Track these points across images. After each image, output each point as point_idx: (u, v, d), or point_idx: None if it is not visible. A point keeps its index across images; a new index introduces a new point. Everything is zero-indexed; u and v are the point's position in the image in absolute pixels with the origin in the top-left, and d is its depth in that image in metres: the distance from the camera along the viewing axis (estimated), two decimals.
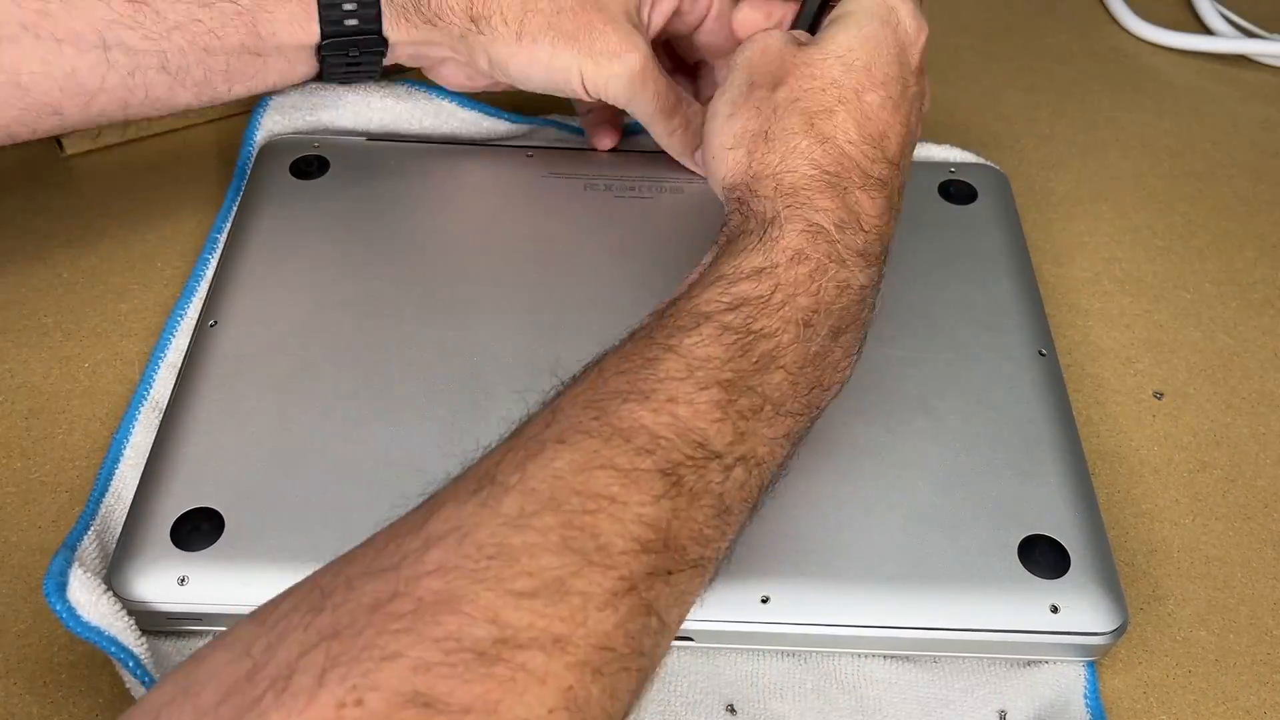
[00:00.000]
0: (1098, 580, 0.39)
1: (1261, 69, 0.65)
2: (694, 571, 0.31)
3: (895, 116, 0.39)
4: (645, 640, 0.29)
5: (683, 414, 0.32)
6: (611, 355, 0.34)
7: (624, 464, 0.30)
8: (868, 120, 0.39)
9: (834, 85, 0.39)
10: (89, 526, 0.41)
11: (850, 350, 0.37)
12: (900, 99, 0.40)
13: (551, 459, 0.30)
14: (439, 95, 0.55)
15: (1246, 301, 0.53)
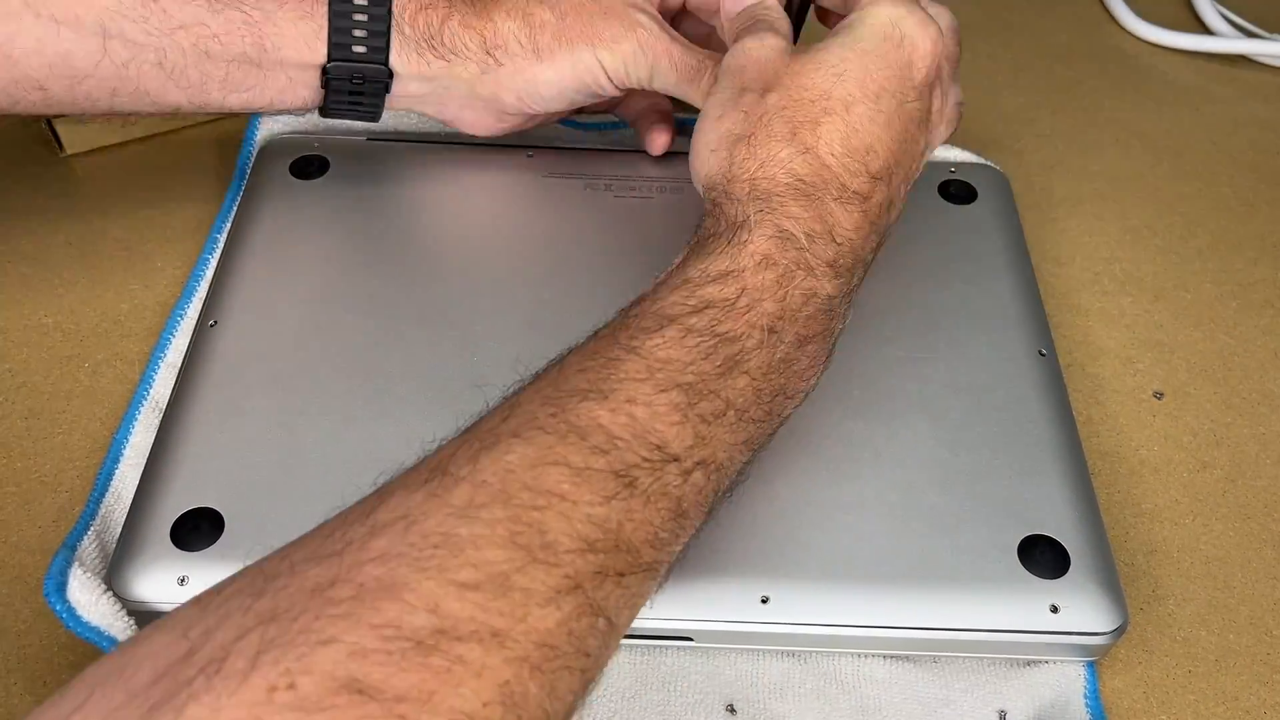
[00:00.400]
0: (1098, 580, 0.39)
1: (1261, 69, 0.65)
2: (646, 574, 0.31)
3: (886, 132, 0.39)
4: (591, 640, 0.28)
5: (641, 415, 0.31)
6: (574, 354, 0.34)
7: (577, 462, 0.30)
8: (854, 133, 0.38)
9: (824, 96, 0.39)
10: (89, 526, 0.41)
11: (817, 359, 0.37)
12: (894, 114, 0.39)
13: (505, 452, 0.30)
14: None
15: (1246, 301, 0.53)
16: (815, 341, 0.36)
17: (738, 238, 0.36)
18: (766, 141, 0.38)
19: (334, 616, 0.25)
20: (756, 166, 0.38)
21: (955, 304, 0.48)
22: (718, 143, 0.40)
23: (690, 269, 0.36)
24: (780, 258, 0.36)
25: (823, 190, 0.37)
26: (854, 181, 0.38)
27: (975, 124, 0.61)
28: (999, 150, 0.60)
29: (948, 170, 0.54)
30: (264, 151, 0.53)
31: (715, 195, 0.39)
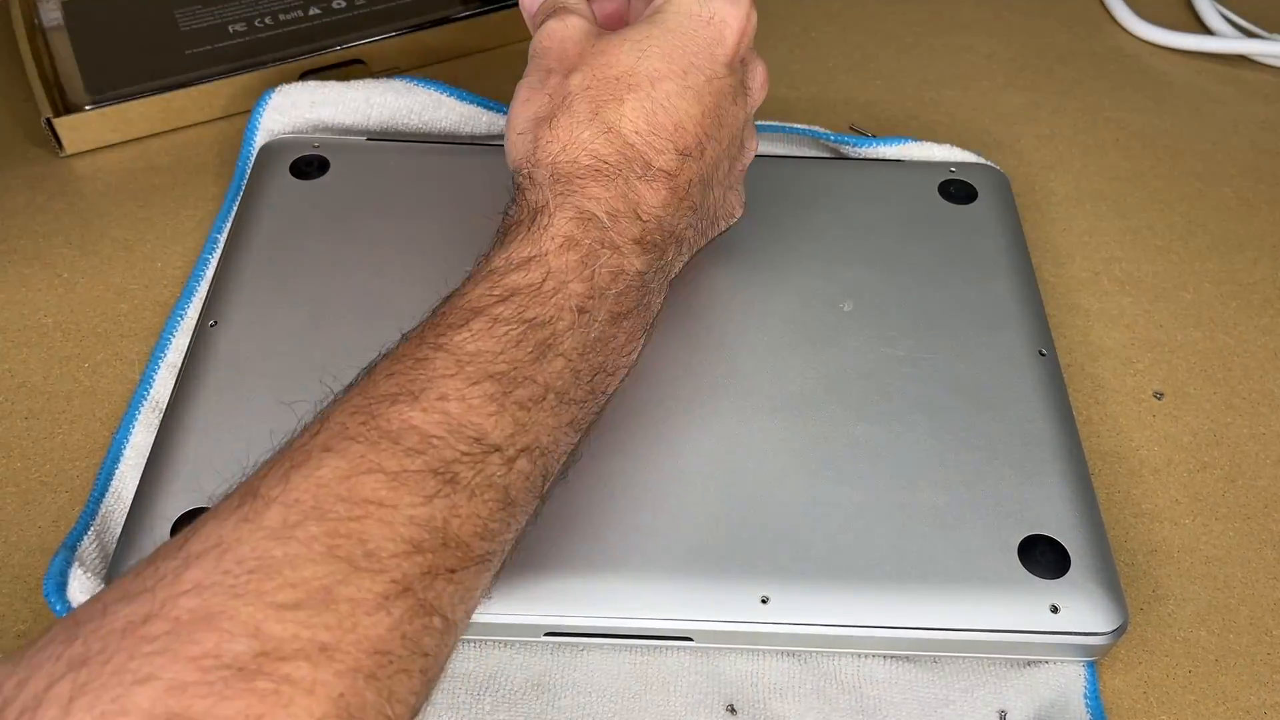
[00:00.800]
0: (1098, 580, 0.39)
1: (1261, 69, 0.65)
2: (479, 567, 0.31)
3: (695, 106, 0.39)
4: (426, 640, 0.28)
5: (454, 410, 0.31)
6: (382, 360, 0.34)
7: (392, 467, 0.29)
8: (660, 110, 0.38)
9: (628, 74, 0.38)
10: (89, 526, 0.41)
11: (635, 335, 0.37)
12: (704, 89, 0.39)
13: (316, 468, 0.29)
14: (437, 89, 0.55)
15: (1246, 301, 0.53)
16: (630, 318, 0.37)
17: (538, 223, 0.36)
18: (569, 124, 0.38)
19: (149, 654, 0.25)
20: (559, 149, 0.38)
21: (955, 304, 0.48)
22: (524, 126, 0.39)
23: (495, 259, 0.36)
24: (583, 238, 0.36)
25: (625, 169, 0.37)
26: (660, 159, 0.38)
27: (975, 124, 0.61)
28: (999, 150, 0.60)
29: (948, 170, 0.54)
30: (264, 151, 0.53)
31: (520, 180, 0.39)
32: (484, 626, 0.39)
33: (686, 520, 0.40)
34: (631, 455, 0.42)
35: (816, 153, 0.56)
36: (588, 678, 0.39)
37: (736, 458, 0.42)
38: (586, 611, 0.39)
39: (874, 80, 0.64)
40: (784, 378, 0.45)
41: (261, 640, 0.26)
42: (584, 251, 0.35)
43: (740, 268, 0.48)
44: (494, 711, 0.38)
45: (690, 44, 0.39)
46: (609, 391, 0.37)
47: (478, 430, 0.31)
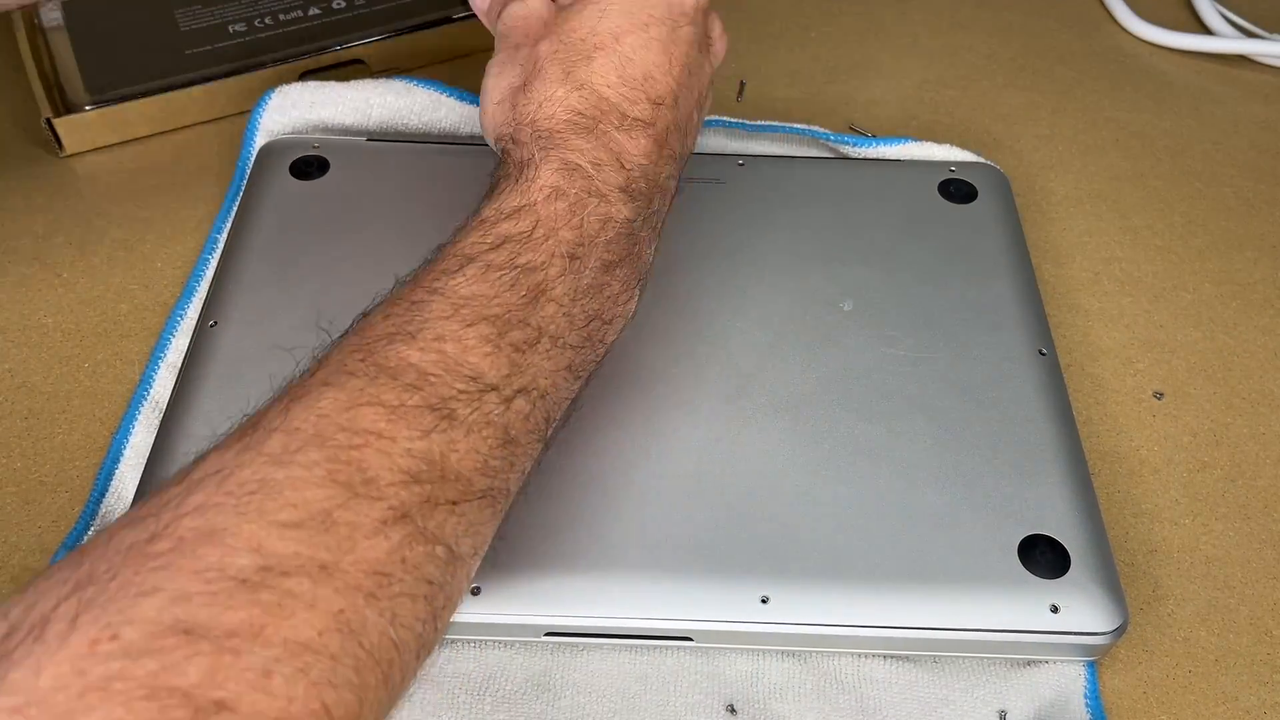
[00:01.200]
0: (1098, 580, 0.39)
1: (1261, 69, 0.65)
2: (483, 502, 0.31)
3: (662, 57, 0.40)
4: (429, 568, 0.29)
5: (451, 350, 0.32)
6: (379, 304, 0.35)
7: (391, 400, 0.30)
8: (628, 63, 0.39)
9: (591, 34, 0.40)
10: (89, 526, 0.41)
11: (629, 284, 0.38)
12: (669, 40, 0.40)
13: (316, 399, 0.30)
14: (437, 90, 0.55)
15: (1246, 301, 0.53)
16: (623, 266, 0.38)
17: (525, 175, 0.37)
18: (542, 85, 0.39)
19: (154, 569, 0.26)
20: (536, 109, 0.39)
21: (955, 304, 0.48)
22: (500, 95, 0.41)
23: (484, 210, 0.37)
24: (569, 188, 0.37)
25: (603, 120, 0.39)
26: (634, 109, 0.39)
27: (975, 124, 0.61)
28: (999, 150, 0.60)
29: (948, 170, 0.54)
30: (264, 152, 0.53)
31: (504, 145, 0.40)
32: (484, 626, 0.39)
33: (686, 520, 0.40)
34: (631, 455, 0.42)
35: (816, 152, 0.56)
36: (588, 678, 0.39)
37: (736, 457, 0.42)
38: (586, 611, 0.39)
39: (874, 80, 0.64)
40: (784, 378, 0.45)
41: (264, 556, 0.26)
42: (571, 200, 0.37)
43: (740, 267, 0.49)
44: (494, 711, 0.38)
45: (648, 1, 0.41)
46: (607, 341, 0.38)
47: (474, 370, 0.32)
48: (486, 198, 0.38)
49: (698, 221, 0.50)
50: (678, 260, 0.49)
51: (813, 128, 0.56)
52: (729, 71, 0.64)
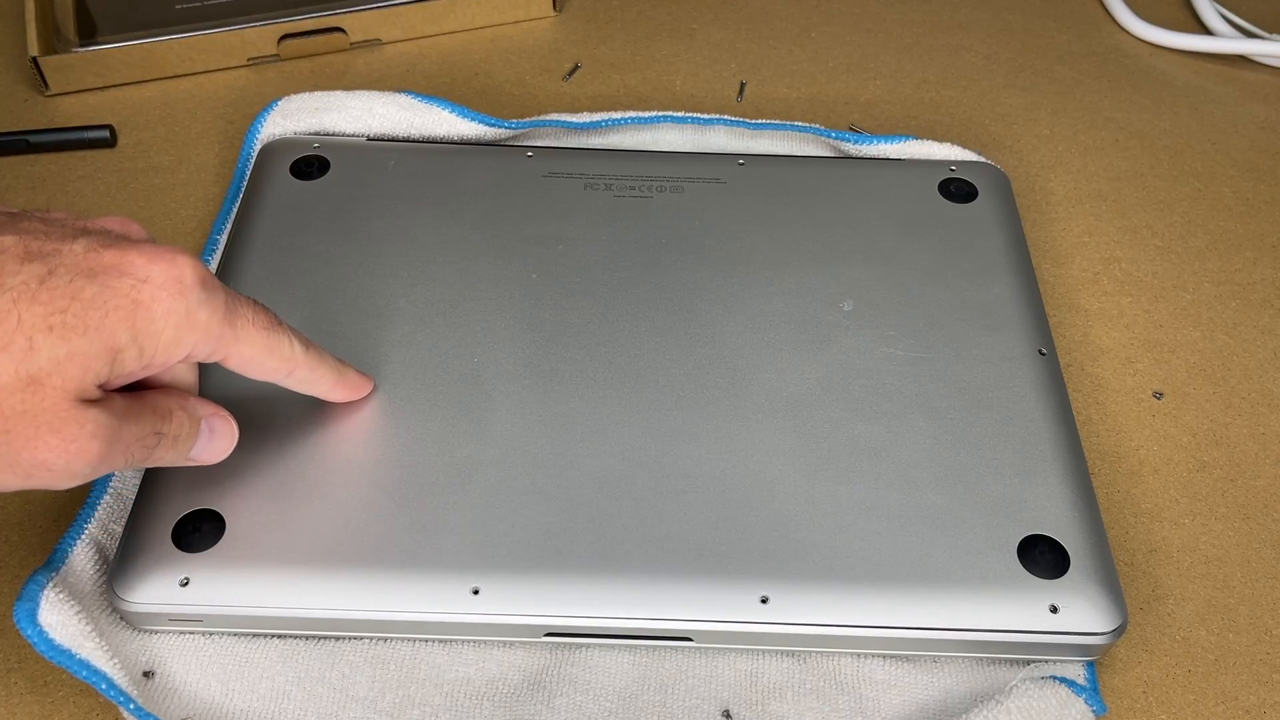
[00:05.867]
0: (1097, 580, 0.39)
1: (1261, 69, 0.66)
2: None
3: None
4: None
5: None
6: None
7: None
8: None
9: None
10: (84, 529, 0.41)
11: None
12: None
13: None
14: (440, 106, 0.55)
15: (1246, 301, 0.53)
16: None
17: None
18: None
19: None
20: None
21: (955, 304, 0.48)
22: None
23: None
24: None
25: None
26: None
27: (975, 124, 0.61)
28: (999, 150, 0.60)
29: (948, 169, 0.54)
30: (264, 152, 0.53)
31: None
32: (484, 627, 0.39)
33: (686, 520, 0.40)
34: (631, 455, 0.42)
35: (817, 151, 0.56)
36: (588, 677, 0.39)
37: (736, 458, 0.42)
38: (586, 611, 0.39)
39: (874, 80, 0.64)
40: (784, 378, 0.45)
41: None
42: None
43: (740, 267, 0.49)
44: (494, 711, 0.38)
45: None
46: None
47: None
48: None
49: (698, 221, 0.50)
50: (678, 260, 0.49)
51: (813, 125, 0.56)
52: (729, 72, 0.64)
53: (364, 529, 0.40)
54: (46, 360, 0.30)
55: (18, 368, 0.30)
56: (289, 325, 0.38)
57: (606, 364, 0.45)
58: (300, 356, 0.39)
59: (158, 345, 0.33)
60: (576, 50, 0.64)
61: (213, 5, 0.61)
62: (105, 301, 0.32)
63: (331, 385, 0.41)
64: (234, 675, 0.39)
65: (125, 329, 0.32)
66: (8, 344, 0.30)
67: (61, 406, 0.31)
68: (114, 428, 0.33)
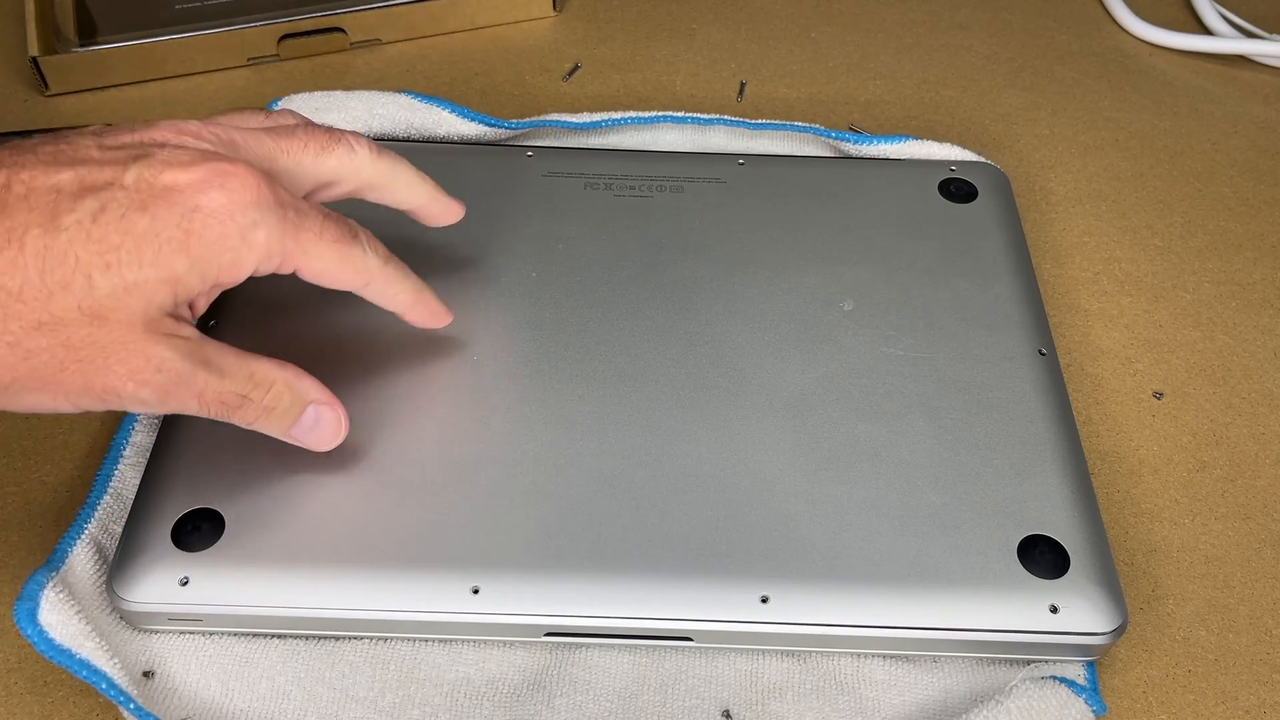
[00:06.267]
0: (1097, 580, 0.39)
1: (1261, 69, 0.66)
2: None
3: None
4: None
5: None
6: None
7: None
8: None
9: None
10: (84, 529, 0.41)
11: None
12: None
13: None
14: (440, 106, 0.55)
15: (1246, 301, 0.53)
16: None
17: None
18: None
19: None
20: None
21: (955, 303, 0.48)
22: None
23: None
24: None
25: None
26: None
27: (975, 124, 0.61)
28: (999, 150, 0.60)
29: (948, 169, 0.54)
30: None
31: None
32: (484, 626, 0.39)
33: (686, 520, 0.40)
34: (631, 455, 0.42)
35: (817, 151, 0.56)
36: (588, 678, 0.39)
37: (736, 458, 0.42)
38: (586, 611, 0.39)
39: (874, 80, 0.64)
40: (784, 378, 0.45)
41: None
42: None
43: (740, 267, 0.49)
44: (494, 712, 0.38)
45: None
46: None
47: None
48: None
49: (698, 221, 0.50)
50: (678, 260, 0.49)
51: (813, 125, 0.56)
52: (729, 72, 0.64)
53: (364, 529, 0.40)
54: (106, 295, 0.32)
55: (80, 303, 0.32)
56: (369, 236, 0.39)
57: (606, 363, 0.45)
58: (376, 269, 0.39)
59: (219, 268, 0.34)
60: (576, 50, 0.65)
61: (213, 5, 0.61)
62: (157, 234, 0.32)
63: (409, 304, 0.42)
64: (234, 675, 0.39)
65: (181, 258, 0.33)
66: (69, 282, 0.31)
67: (129, 337, 0.33)
68: (183, 370, 0.34)
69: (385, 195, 0.42)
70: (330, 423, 0.39)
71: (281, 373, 0.38)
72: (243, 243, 0.34)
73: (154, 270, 0.32)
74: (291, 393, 0.38)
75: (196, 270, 0.33)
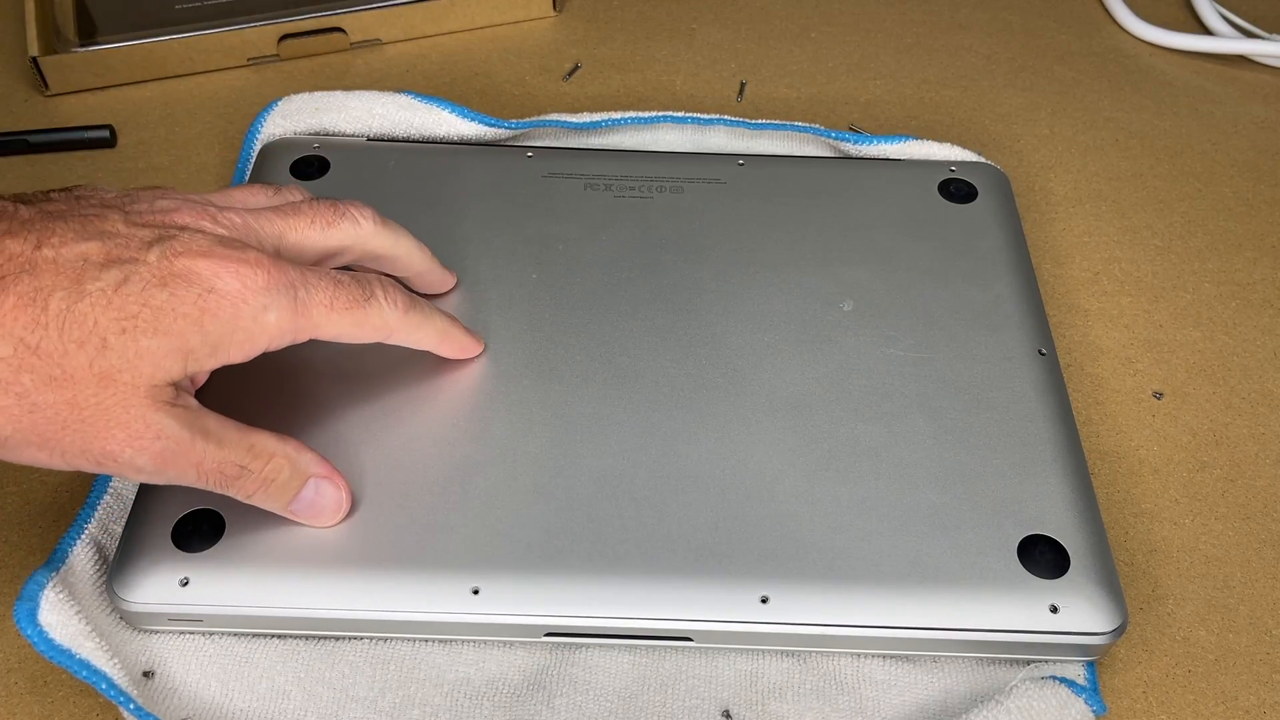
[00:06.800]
0: (1097, 580, 0.39)
1: (1261, 69, 0.66)
2: None
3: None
4: None
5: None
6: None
7: None
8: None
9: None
10: (83, 529, 0.41)
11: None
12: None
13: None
14: (440, 106, 0.55)
15: (1246, 301, 0.53)
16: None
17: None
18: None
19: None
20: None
21: (955, 304, 0.48)
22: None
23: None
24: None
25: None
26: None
27: (975, 124, 0.61)
28: (999, 150, 0.60)
29: (948, 169, 0.54)
30: (264, 152, 0.53)
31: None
32: (484, 626, 0.39)
33: (686, 520, 0.40)
34: (631, 455, 0.42)
35: (817, 151, 0.56)
36: (588, 677, 0.39)
37: (736, 458, 0.42)
38: (586, 611, 0.39)
39: (874, 80, 0.64)
40: (784, 378, 0.45)
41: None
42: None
43: (741, 267, 0.49)
44: (494, 712, 0.38)
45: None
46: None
47: None
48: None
49: (698, 221, 0.50)
50: (678, 260, 0.49)
51: (813, 125, 0.56)
52: (729, 72, 0.64)
53: (364, 529, 0.40)
54: (118, 358, 0.33)
55: (92, 363, 0.33)
56: (386, 287, 0.39)
57: (606, 364, 0.45)
58: (395, 322, 0.40)
59: (231, 345, 0.35)
60: (576, 50, 0.65)
61: (213, 5, 0.61)
62: (174, 309, 0.34)
63: (436, 344, 0.43)
64: (234, 675, 0.39)
65: (195, 332, 0.34)
66: (84, 341, 0.33)
67: (132, 400, 0.34)
68: (183, 438, 0.35)
69: (387, 264, 0.44)
70: (331, 498, 0.39)
71: (282, 446, 0.38)
72: (255, 324, 0.35)
73: (168, 340, 0.34)
74: (291, 465, 0.38)
75: (209, 345, 0.35)
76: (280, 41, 0.61)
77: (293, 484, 0.38)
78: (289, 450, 0.38)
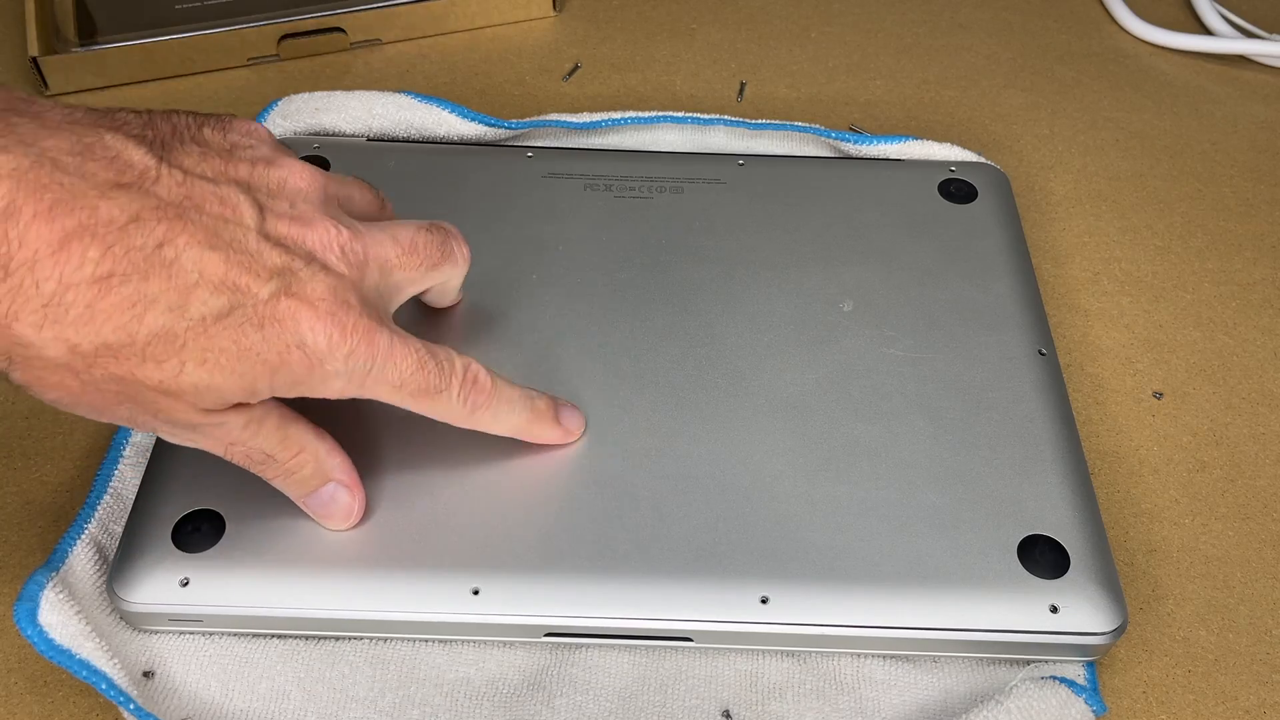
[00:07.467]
0: (1097, 580, 0.39)
1: (1261, 69, 0.66)
2: None
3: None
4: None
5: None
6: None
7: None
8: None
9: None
10: (84, 529, 0.41)
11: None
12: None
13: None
14: (440, 106, 0.55)
15: (1246, 301, 0.53)
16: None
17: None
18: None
19: None
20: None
21: (955, 304, 0.48)
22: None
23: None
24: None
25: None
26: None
27: (975, 124, 0.61)
28: (999, 150, 0.60)
29: (948, 169, 0.54)
30: None
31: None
32: (483, 627, 0.39)
33: (686, 520, 0.40)
34: (631, 455, 0.42)
35: (817, 151, 0.56)
36: (588, 678, 0.39)
37: (736, 458, 0.42)
38: (586, 611, 0.39)
39: (874, 80, 0.64)
40: (784, 378, 0.45)
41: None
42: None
43: (740, 267, 0.49)
44: (493, 712, 0.38)
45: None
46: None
47: None
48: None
49: (698, 221, 0.50)
50: (678, 260, 0.49)
51: (813, 125, 0.56)
52: (729, 72, 0.64)
53: (364, 529, 0.40)
54: (189, 385, 0.33)
55: (163, 380, 0.33)
56: (467, 385, 0.39)
57: (606, 364, 0.45)
58: (459, 419, 0.39)
59: (287, 390, 0.35)
60: (576, 50, 0.65)
61: (213, 5, 0.61)
62: (259, 354, 0.34)
63: (516, 432, 0.41)
64: (234, 675, 0.39)
65: (265, 378, 0.34)
66: (164, 360, 0.33)
67: (189, 416, 0.34)
68: (217, 421, 0.35)
69: (439, 296, 0.45)
70: (344, 505, 0.40)
71: (315, 442, 0.38)
72: (321, 384, 0.35)
73: (239, 381, 0.34)
74: (316, 463, 0.38)
75: (270, 389, 0.35)
76: (280, 41, 0.62)
77: (312, 481, 0.39)
78: (319, 449, 0.39)
